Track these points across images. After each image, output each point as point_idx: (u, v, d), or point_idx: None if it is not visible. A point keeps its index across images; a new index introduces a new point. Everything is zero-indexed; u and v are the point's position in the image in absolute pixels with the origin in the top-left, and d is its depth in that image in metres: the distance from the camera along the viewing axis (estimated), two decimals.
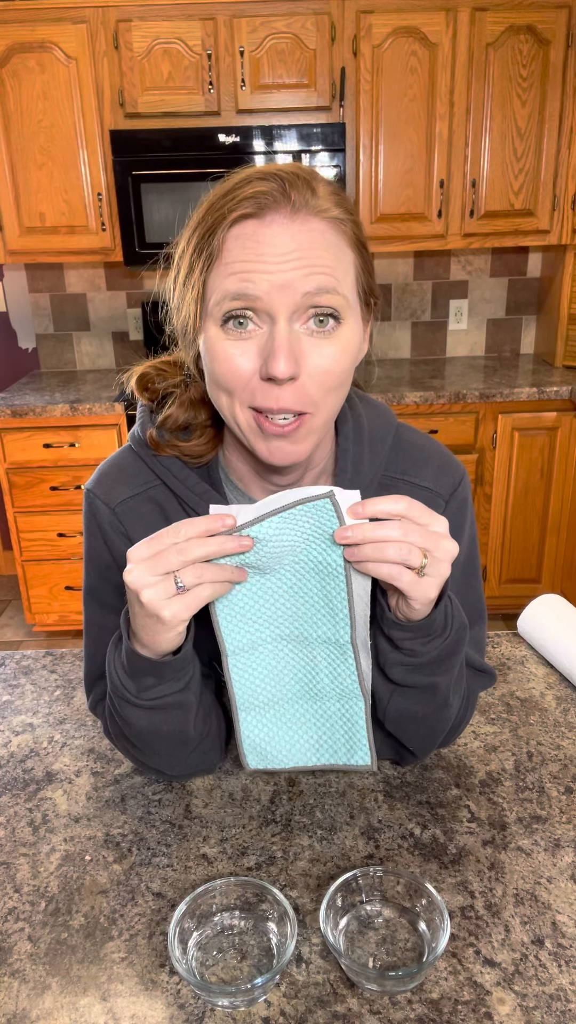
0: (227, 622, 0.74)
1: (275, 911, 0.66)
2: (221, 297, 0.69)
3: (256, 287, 0.68)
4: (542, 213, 2.79)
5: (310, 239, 0.68)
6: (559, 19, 2.58)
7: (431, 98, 2.65)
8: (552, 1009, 0.61)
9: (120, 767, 0.89)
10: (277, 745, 0.81)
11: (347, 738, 0.80)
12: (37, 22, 2.54)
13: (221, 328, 0.70)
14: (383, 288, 3.19)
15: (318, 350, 0.70)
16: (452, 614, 0.74)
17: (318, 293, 0.68)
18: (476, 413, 2.73)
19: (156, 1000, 0.63)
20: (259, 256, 0.68)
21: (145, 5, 2.53)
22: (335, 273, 0.69)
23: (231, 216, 0.68)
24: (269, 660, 0.77)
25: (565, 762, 0.88)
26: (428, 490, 0.86)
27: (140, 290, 3.17)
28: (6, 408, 2.66)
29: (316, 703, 0.79)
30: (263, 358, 0.69)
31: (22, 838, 0.80)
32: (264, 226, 0.68)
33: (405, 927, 0.67)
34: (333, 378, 0.71)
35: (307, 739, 0.81)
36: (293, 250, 0.68)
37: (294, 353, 0.68)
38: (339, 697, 0.78)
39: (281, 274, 0.67)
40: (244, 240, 0.68)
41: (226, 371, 0.71)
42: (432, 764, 0.88)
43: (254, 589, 0.72)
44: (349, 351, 0.73)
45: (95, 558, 0.86)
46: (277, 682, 0.78)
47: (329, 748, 0.81)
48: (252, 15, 2.54)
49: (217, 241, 0.69)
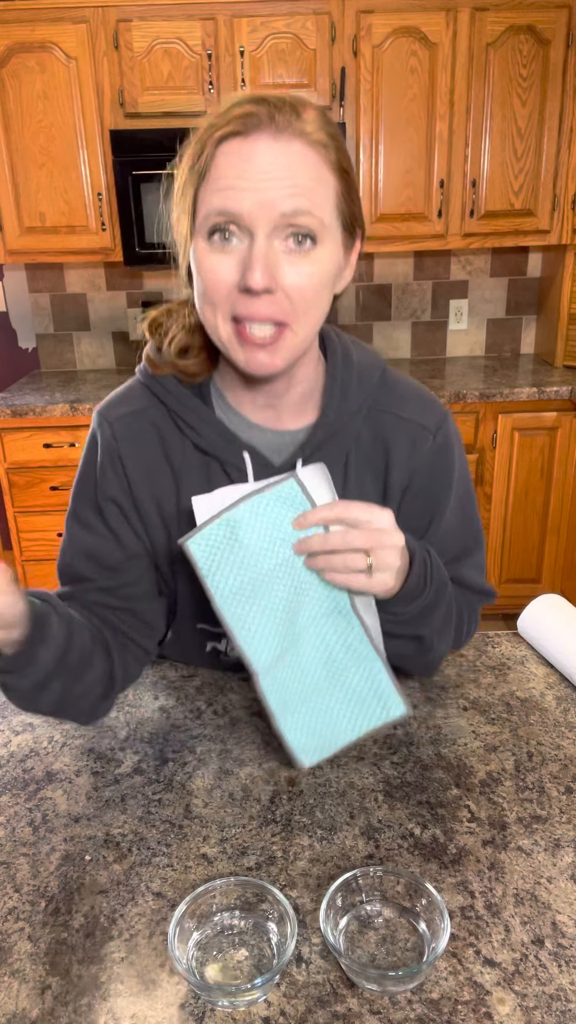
0: (246, 641, 0.78)
1: (275, 911, 0.66)
2: (207, 212, 0.75)
3: (239, 204, 0.73)
4: (542, 213, 2.79)
5: (292, 161, 0.73)
6: (559, 19, 2.58)
7: (431, 98, 2.65)
8: (552, 1009, 0.61)
9: (120, 767, 0.89)
10: (321, 736, 0.83)
11: (377, 699, 0.82)
12: (37, 22, 2.54)
13: (207, 241, 0.76)
14: (383, 288, 3.19)
15: (294, 267, 0.75)
16: (430, 575, 0.82)
17: (295, 214, 0.73)
18: (476, 413, 2.73)
19: (156, 1000, 0.63)
20: (242, 173, 0.73)
21: (145, 5, 2.53)
22: (313, 196, 0.74)
23: (218, 133, 0.74)
24: (292, 662, 0.80)
25: (565, 762, 0.88)
26: (414, 423, 0.92)
27: (140, 290, 3.17)
28: (6, 408, 2.66)
29: (340, 680, 0.81)
30: (242, 271, 0.74)
31: (22, 838, 0.80)
32: (249, 144, 0.73)
33: (405, 927, 0.67)
34: (308, 295, 0.77)
35: (344, 718, 0.82)
36: (275, 169, 0.72)
37: (270, 267, 0.74)
38: (357, 664, 0.81)
39: (262, 192, 0.72)
40: (230, 157, 0.73)
41: (209, 281, 0.77)
42: (432, 764, 0.88)
43: (257, 597, 0.77)
44: (325, 272, 0.78)
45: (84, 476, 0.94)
46: (303, 678, 0.81)
47: (366, 716, 0.82)
48: (252, 15, 2.54)
49: (206, 157, 0.75)
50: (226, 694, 1.02)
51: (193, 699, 1.01)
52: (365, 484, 0.94)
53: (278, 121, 0.73)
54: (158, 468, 0.91)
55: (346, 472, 0.92)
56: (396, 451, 0.92)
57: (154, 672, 1.07)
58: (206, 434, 0.89)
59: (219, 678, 1.05)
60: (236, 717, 0.97)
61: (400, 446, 0.92)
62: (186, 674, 1.07)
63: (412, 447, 0.93)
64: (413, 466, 0.93)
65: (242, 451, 0.88)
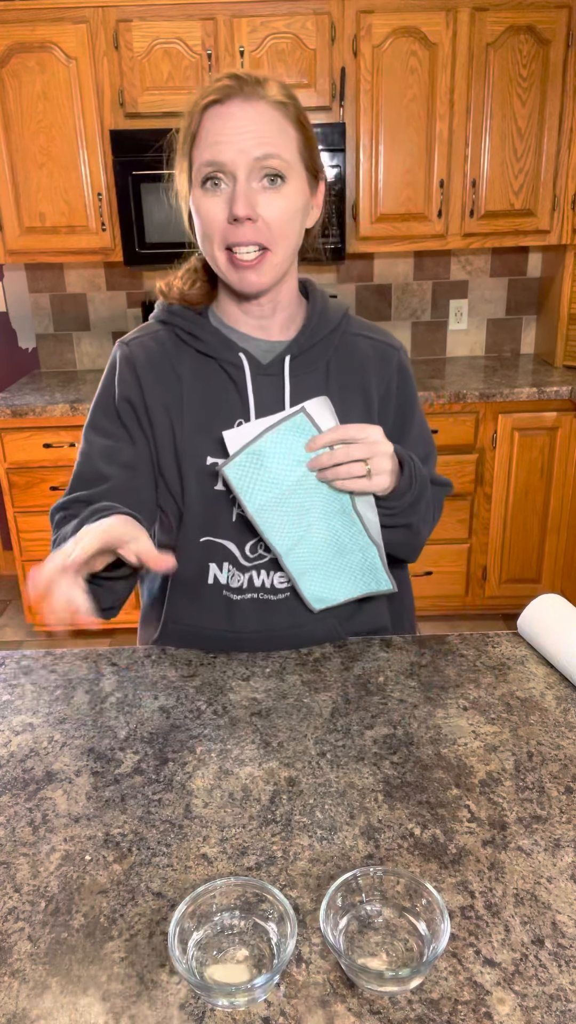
0: (272, 534, 1.02)
1: (275, 911, 0.66)
2: (200, 164, 0.96)
3: (222, 154, 0.94)
4: (542, 213, 2.79)
5: (260, 118, 0.94)
6: (559, 19, 2.58)
7: (431, 98, 2.65)
8: (552, 1009, 0.61)
9: (120, 767, 0.89)
10: (328, 590, 1.08)
11: (372, 576, 1.08)
12: (37, 22, 2.54)
13: (202, 189, 0.97)
14: (383, 288, 3.19)
15: (269, 201, 0.95)
16: (415, 474, 1.04)
17: (265, 157, 0.94)
18: (476, 413, 2.73)
19: (156, 1000, 0.63)
20: (223, 130, 0.94)
21: (145, 5, 2.53)
22: (278, 143, 0.95)
23: (203, 102, 0.95)
24: (308, 545, 1.04)
25: (565, 762, 0.88)
26: (382, 342, 1.15)
27: (140, 290, 3.17)
28: (6, 408, 2.66)
29: (345, 558, 1.06)
30: (229, 206, 0.95)
31: (22, 838, 0.80)
32: (226, 108, 0.94)
33: (405, 927, 0.67)
34: (283, 222, 0.97)
35: (346, 583, 1.08)
36: (246, 125, 0.93)
37: (250, 201, 0.94)
38: (359, 549, 1.05)
39: (238, 143, 0.93)
40: (214, 119, 0.95)
41: (205, 219, 0.97)
42: (432, 764, 0.88)
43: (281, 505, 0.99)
44: (294, 205, 0.98)
45: (104, 390, 1.12)
46: (316, 555, 1.05)
47: (362, 583, 1.08)
48: (252, 15, 2.54)
49: (195, 123, 0.97)
50: (226, 694, 1.02)
51: (193, 699, 1.01)
52: (346, 395, 1.10)
53: (246, 90, 0.94)
54: (166, 375, 1.08)
55: (327, 380, 1.09)
56: (370, 364, 1.12)
57: (154, 672, 1.07)
58: (207, 339, 1.07)
59: (219, 678, 1.05)
60: (236, 717, 0.97)
61: (373, 360, 1.13)
62: (186, 674, 1.07)
63: (383, 360, 1.13)
64: (386, 377, 1.13)
65: (239, 352, 1.06)
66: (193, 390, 1.07)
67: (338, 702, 1.00)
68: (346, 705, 0.99)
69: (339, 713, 0.97)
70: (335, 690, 1.02)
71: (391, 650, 1.11)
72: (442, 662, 1.08)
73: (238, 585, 1.10)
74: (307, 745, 0.92)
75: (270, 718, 0.97)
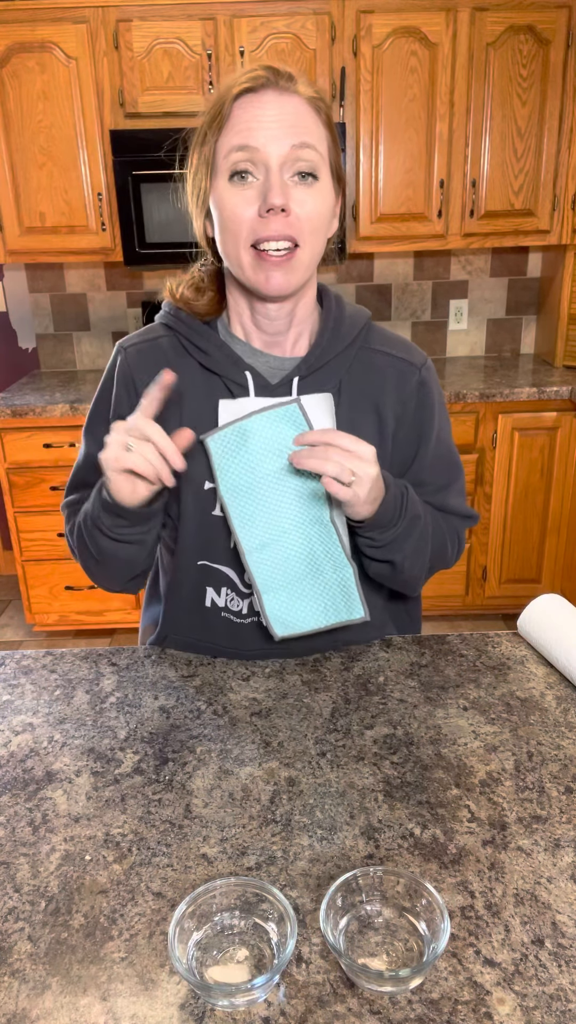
0: (241, 525, 0.96)
1: (275, 911, 0.66)
2: (228, 151, 0.90)
3: (256, 139, 0.88)
4: (542, 213, 2.79)
5: (294, 109, 0.90)
6: (559, 19, 2.58)
7: (431, 98, 2.65)
8: (552, 1009, 0.61)
9: (120, 767, 0.89)
10: (295, 615, 1.01)
11: (344, 599, 1.01)
12: (37, 22, 2.54)
13: (229, 182, 0.90)
14: (383, 288, 3.19)
15: (302, 196, 0.90)
16: (403, 508, 0.97)
17: (302, 147, 0.89)
18: (476, 413, 2.73)
19: (156, 1000, 0.63)
20: (256, 117, 0.89)
21: (145, 5, 2.53)
22: (313, 135, 0.90)
23: (236, 90, 0.90)
24: (279, 551, 0.98)
25: (565, 762, 0.88)
26: (402, 360, 1.07)
27: (140, 290, 3.17)
28: (6, 408, 2.66)
29: (318, 575, 1.00)
30: (261, 198, 0.89)
31: (22, 838, 0.80)
32: (259, 97, 0.90)
33: (405, 927, 0.67)
34: (314, 218, 0.91)
35: (316, 607, 1.01)
36: (282, 115, 0.89)
37: (285, 192, 0.88)
38: (334, 567, 0.99)
39: (274, 130, 0.88)
40: (246, 106, 0.90)
41: (232, 215, 0.91)
42: (432, 764, 0.88)
43: (255, 493, 0.95)
44: (325, 202, 0.94)
45: (100, 396, 1.08)
46: (287, 568, 0.98)
47: (333, 610, 1.01)
48: (252, 15, 2.54)
49: (225, 110, 0.90)
50: (226, 694, 1.02)
51: (193, 699, 1.01)
52: (359, 415, 1.04)
53: (280, 83, 0.90)
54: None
55: (339, 400, 1.03)
56: (387, 383, 1.05)
57: (154, 672, 1.07)
58: (213, 353, 1.01)
59: (219, 678, 1.05)
60: (236, 717, 0.97)
61: (391, 379, 1.05)
62: (186, 674, 1.07)
63: (401, 380, 1.06)
64: (403, 397, 1.06)
65: (245, 371, 1.00)
66: (193, 410, 1.02)
67: (338, 702, 1.00)
68: (346, 705, 0.99)
69: (339, 713, 0.97)
70: (335, 690, 1.02)
71: (391, 650, 1.11)
72: (442, 662, 1.08)
73: (238, 609, 1.08)
74: (307, 745, 0.92)
75: (270, 718, 0.97)
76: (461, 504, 1.14)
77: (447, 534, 1.12)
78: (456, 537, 1.14)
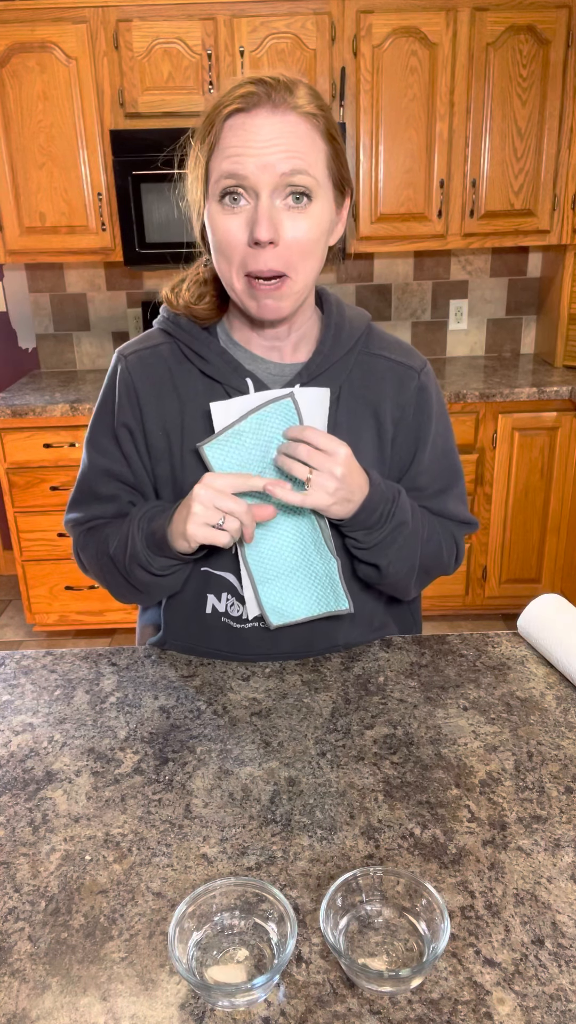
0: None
1: (275, 911, 0.66)
2: (218, 176, 0.87)
3: (244, 167, 0.85)
4: (542, 213, 2.79)
5: (288, 130, 0.85)
6: (559, 19, 2.58)
7: (431, 98, 2.65)
8: (552, 1009, 0.61)
9: (120, 767, 0.89)
10: (288, 605, 1.03)
11: (331, 590, 1.02)
12: (37, 22, 2.54)
13: (219, 203, 0.88)
14: (383, 288, 3.19)
15: (294, 222, 0.87)
16: (390, 513, 0.98)
17: (292, 173, 0.85)
18: (476, 413, 2.73)
19: (156, 1000, 0.63)
20: (246, 142, 0.85)
21: (145, 5, 2.53)
22: (307, 158, 0.86)
23: (225, 111, 0.86)
24: (273, 544, 0.99)
25: (565, 762, 0.88)
26: (401, 364, 1.06)
27: (140, 290, 3.17)
28: (6, 408, 2.66)
29: (308, 566, 1.02)
30: (250, 228, 0.86)
31: (22, 838, 0.80)
32: (251, 118, 0.85)
33: (405, 927, 0.67)
34: (307, 245, 0.89)
35: (307, 597, 1.03)
36: (274, 138, 0.84)
37: (273, 222, 0.86)
38: (322, 558, 1.01)
39: (264, 157, 0.84)
40: (236, 129, 0.86)
41: (223, 239, 0.89)
42: (432, 764, 0.88)
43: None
44: (320, 224, 0.90)
45: (102, 406, 1.07)
46: (280, 559, 1.01)
47: (323, 600, 1.03)
48: (252, 15, 2.54)
49: (215, 131, 0.87)
50: (226, 694, 1.02)
51: (193, 699, 1.01)
52: (358, 419, 1.04)
53: (274, 98, 0.85)
54: (166, 395, 1.03)
55: (338, 404, 1.02)
56: (387, 387, 1.05)
57: (154, 672, 1.07)
58: (213, 360, 1.01)
59: (219, 678, 1.05)
60: (236, 717, 0.97)
61: (390, 383, 1.05)
62: (186, 674, 1.07)
63: (400, 384, 1.05)
64: (402, 402, 1.06)
65: (245, 377, 1.00)
66: (194, 417, 1.02)
67: (338, 702, 1.00)
68: (346, 705, 0.99)
69: (339, 713, 0.97)
70: (335, 690, 1.02)
71: (391, 650, 1.11)
72: (442, 662, 1.08)
73: (238, 614, 1.08)
74: (307, 745, 0.92)
75: (270, 718, 0.97)
76: (460, 509, 1.13)
77: (443, 541, 1.11)
78: (454, 543, 1.13)
